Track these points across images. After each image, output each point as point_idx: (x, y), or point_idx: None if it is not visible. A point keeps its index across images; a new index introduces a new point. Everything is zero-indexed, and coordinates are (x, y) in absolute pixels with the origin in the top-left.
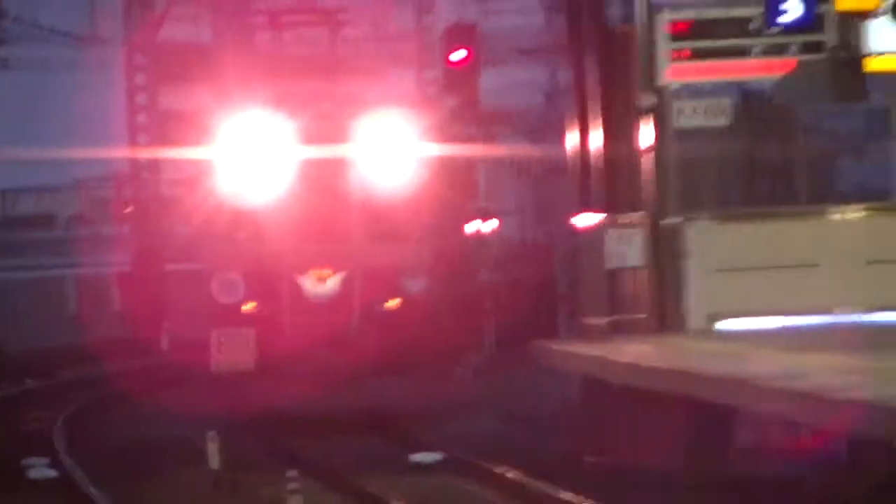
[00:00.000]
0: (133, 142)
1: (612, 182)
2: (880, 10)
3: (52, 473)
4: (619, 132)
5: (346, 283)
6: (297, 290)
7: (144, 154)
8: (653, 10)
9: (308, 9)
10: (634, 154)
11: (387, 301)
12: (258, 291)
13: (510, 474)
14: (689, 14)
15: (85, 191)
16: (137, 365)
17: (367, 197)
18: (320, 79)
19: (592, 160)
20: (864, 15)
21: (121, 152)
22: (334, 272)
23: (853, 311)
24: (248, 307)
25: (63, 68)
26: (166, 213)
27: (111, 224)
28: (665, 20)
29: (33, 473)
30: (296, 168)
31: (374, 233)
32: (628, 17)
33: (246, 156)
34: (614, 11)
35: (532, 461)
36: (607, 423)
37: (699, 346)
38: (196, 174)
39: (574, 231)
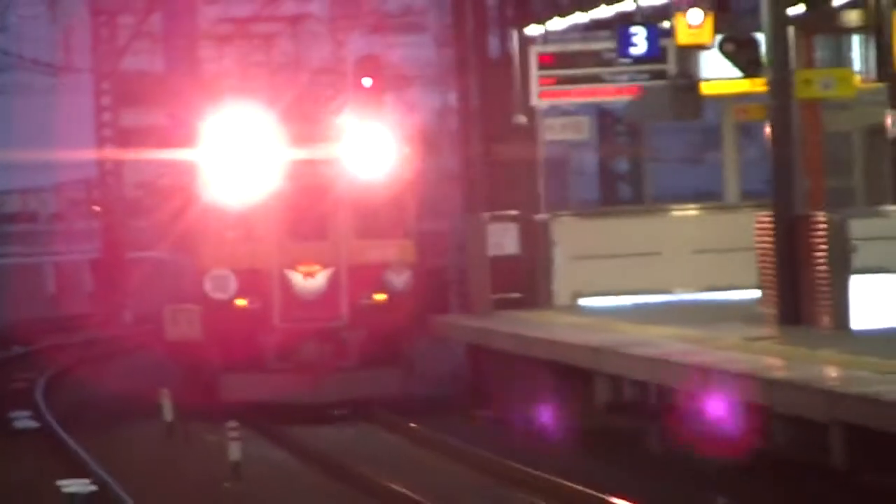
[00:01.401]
0: (100, 152)
1: (493, 185)
2: (712, 45)
3: (34, 424)
4: (498, 144)
5: (333, 278)
6: (287, 286)
7: (108, 162)
8: (525, 44)
9: (247, 34)
10: (511, 162)
11: (373, 295)
12: (249, 287)
13: (412, 423)
14: (554, 47)
15: (62, 192)
16: (104, 335)
17: (353, 196)
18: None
19: (477, 167)
20: (699, 48)
21: (89, 160)
22: (322, 268)
23: (688, 291)
24: (239, 303)
25: (43, 92)
26: (128, 210)
27: (83, 220)
28: (535, 52)
29: (18, 424)
30: (283, 168)
31: (359, 230)
32: (505, 50)
33: (233, 156)
34: (494, 45)
35: (431, 414)
36: (490, 383)
37: (564, 319)
38: (169, 176)
39: (463, 225)
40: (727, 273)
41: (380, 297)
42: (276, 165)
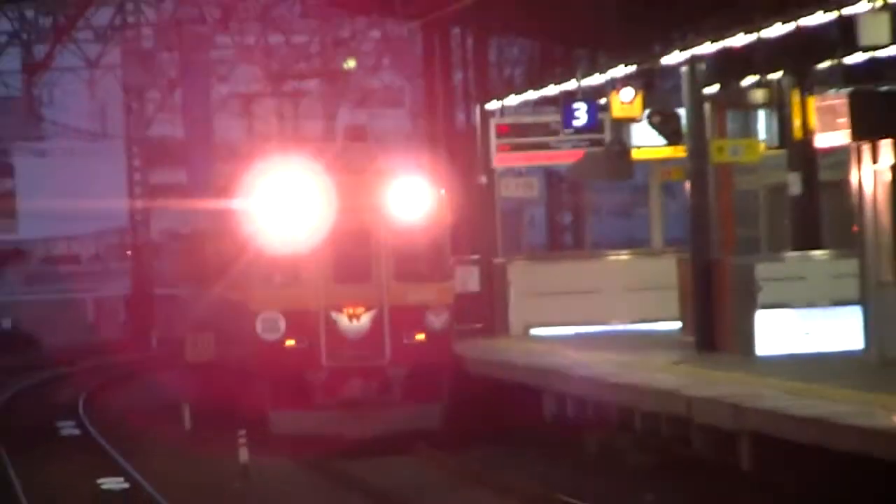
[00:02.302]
0: (131, 206)
1: (458, 233)
2: (641, 118)
3: (77, 432)
4: (463, 199)
5: (376, 319)
6: (333, 327)
7: (138, 212)
8: (486, 117)
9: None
10: (475, 214)
11: (415, 335)
12: (297, 329)
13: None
14: (510, 119)
15: (100, 239)
16: (134, 358)
17: (393, 241)
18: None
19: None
20: (630, 120)
21: (122, 211)
22: (366, 310)
23: (621, 323)
24: (288, 343)
25: (83, 155)
26: (153, 254)
27: (118, 261)
28: (494, 123)
29: (63, 432)
30: (328, 216)
31: (400, 274)
32: (469, 122)
33: (282, 206)
34: (460, 117)
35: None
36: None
37: (517, 346)
38: (191, 224)
39: None
40: (654, 308)
41: (420, 336)
42: (321, 213)
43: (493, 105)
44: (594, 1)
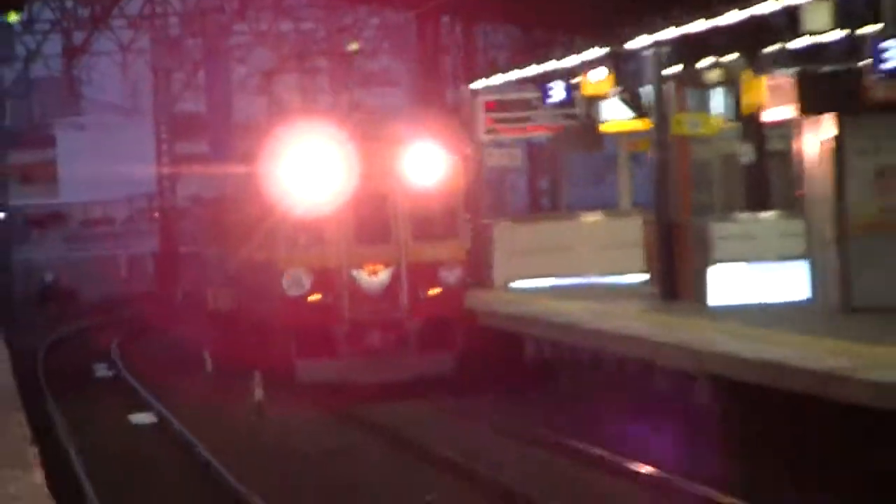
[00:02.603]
0: (159, 174)
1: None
2: (609, 95)
3: (110, 373)
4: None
5: (394, 276)
6: (354, 284)
7: (165, 179)
8: (473, 95)
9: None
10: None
11: (430, 290)
12: (321, 285)
13: None
14: (495, 96)
15: (132, 203)
16: (162, 309)
17: (410, 203)
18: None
19: None
20: (601, 98)
21: (151, 179)
22: (385, 267)
23: (593, 276)
24: (313, 298)
25: (117, 129)
26: (178, 216)
27: (147, 223)
28: (481, 100)
29: (98, 373)
30: (349, 180)
31: (418, 233)
32: (457, 100)
33: (307, 170)
34: (449, 96)
35: None
36: None
37: (500, 296)
38: (213, 190)
39: None
40: (622, 262)
41: (435, 291)
42: (343, 179)
43: (479, 84)
44: None
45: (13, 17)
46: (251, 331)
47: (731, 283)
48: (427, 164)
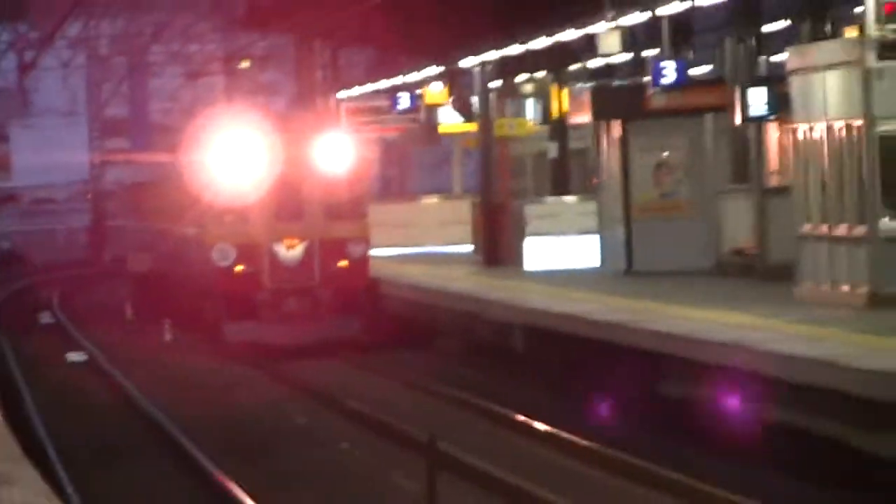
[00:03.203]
0: (91, 163)
1: None
2: (445, 103)
3: (52, 320)
4: None
5: (308, 249)
6: (274, 256)
7: (95, 168)
8: (339, 101)
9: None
10: None
11: (338, 262)
12: (245, 257)
13: None
14: (356, 103)
15: (70, 187)
16: (93, 270)
17: (323, 187)
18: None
19: None
20: (438, 105)
21: (84, 168)
22: (300, 242)
23: (432, 246)
24: (238, 269)
25: (58, 128)
26: (105, 197)
27: (81, 203)
28: (344, 106)
29: (42, 320)
30: (271, 166)
31: (328, 213)
32: (329, 104)
33: (233, 158)
34: (320, 103)
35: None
36: None
37: None
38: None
39: None
40: (455, 236)
41: (343, 263)
42: (265, 164)
43: (343, 94)
44: (413, 22)
45: None
46: (177, 293)
47: (540, 253)
48: (337, 153)
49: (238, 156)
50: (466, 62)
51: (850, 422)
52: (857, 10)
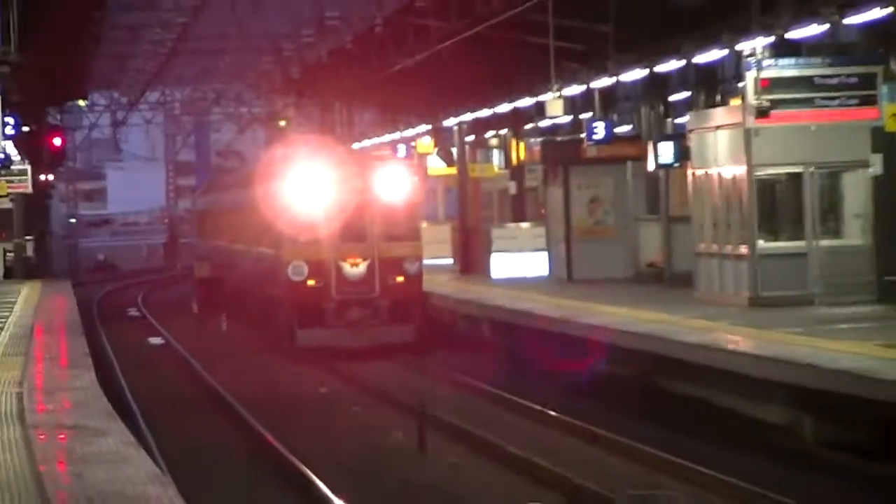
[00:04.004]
0: (167, 195)
1: None
2: (433, 152)
3: (137, 313)
4: None
5: (370, 267)
6: (340, 272)
7: (171, 199)
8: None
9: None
10: None
11: (396, 278)
12: (316, 273)
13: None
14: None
15: (151, 213)
16: (168, 276)
17: (383, 212)
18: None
19: None
20: (427, 154)
21: (162, 198)
22: (363, 260)
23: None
24: (310, 283)
25: (142, 169)
26: (178, 220)
27: (161, 225)
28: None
29: (130, 314)
30: (337, 194)
31: (386, 235)
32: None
33: (305, 186)
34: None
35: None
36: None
37: None
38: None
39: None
40: (439, 251)
41: (400, 278)
42: (333, 193)
43: (355, 145)
44: (410, 91)
45: (82, 103)
46: (249, 300)
47: (503, 265)
48: (394, 183)
49: (310, 186)
50: (448, 122)
51: (715, 386)
52: (740, 84)
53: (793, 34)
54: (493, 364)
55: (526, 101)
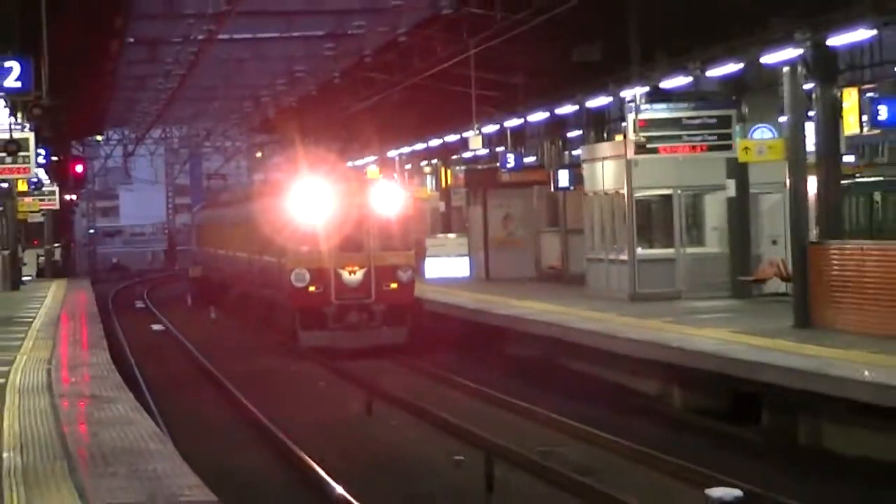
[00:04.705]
0: (167, 212)
1: None
2: (379, 178)
3: (143, 305)
4: None
5: (366, 274)
6: (339, 279)
7: (171, 215)
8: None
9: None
10: None
11: (390, 284)
12: (317, 279)
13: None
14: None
15: (155, 225)
16: (167, 275)
17: (378, 224)
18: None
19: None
20: (376, 180)
21: (163, 214)
22: (360, 268)
23: None
24: (311, 289)
25: (148, 191)
26: (176, 232)
27: (162, 235)
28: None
29: (137, 305)
30: (336, 208)
31: (382, 246)
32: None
33: (307, 201)
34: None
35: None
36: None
37: None
38: (193, 219)
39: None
40: None
41: (394, 285)
42: (332, 207)
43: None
44: (358, 127)
45: (99, 137)
46: (250, 303)
47: (435, 267)
48: (388, 198)
49: (312, 200)
50: (391, 153)
51: (604, 364)
52: (623, 124)
53: (665, 84)
54: (429, 347)
55: (453, 137)
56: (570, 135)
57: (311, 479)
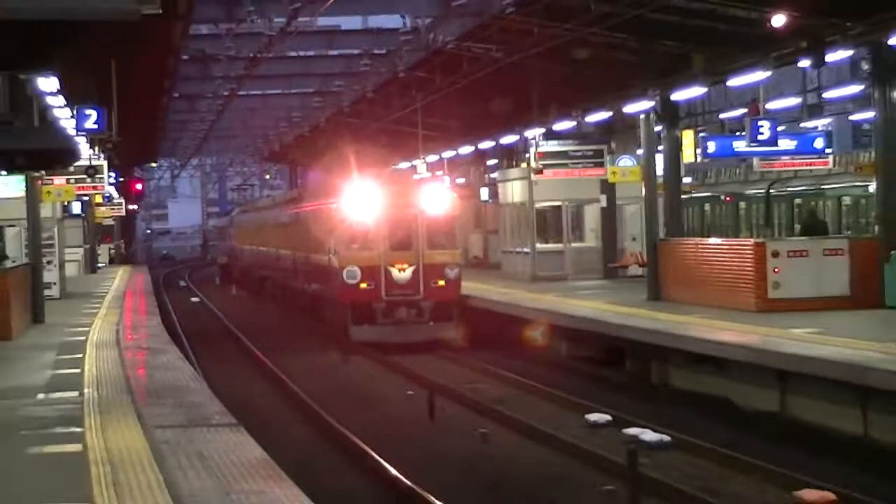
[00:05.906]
0: (203, 218)
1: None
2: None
3: (185, 284)
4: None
5: (415, 272)
6: (389, 276)
7: (206, 221)
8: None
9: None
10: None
11: (438, 281)
12: (368, 276)
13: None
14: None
15: (194, 227)
16: (202, 263)
17: (426, 224)
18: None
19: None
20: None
21: (199, 220)
22: (409, 266)
23: None
24: (362, 285)
25: (189, 203)
26: (207, 232)
27: (199, 234)
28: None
29: (181, 284)
30: (387, 209)
31: (430, 244)
32: None
33: (359, 202)
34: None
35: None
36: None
37: None
38: (222, 223)
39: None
40: None
41: (441, 282)
42: (383, 208)
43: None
44: (339, 155)
45: (153, 164)
46: (300, 298)
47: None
48: (437, 198)
49: (363, 202)
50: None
51: (512, 326)
52: (526, 154)
53: (556, 126)
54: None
55: (405, 164)
56: (489, 162)
57: (306, 407)
